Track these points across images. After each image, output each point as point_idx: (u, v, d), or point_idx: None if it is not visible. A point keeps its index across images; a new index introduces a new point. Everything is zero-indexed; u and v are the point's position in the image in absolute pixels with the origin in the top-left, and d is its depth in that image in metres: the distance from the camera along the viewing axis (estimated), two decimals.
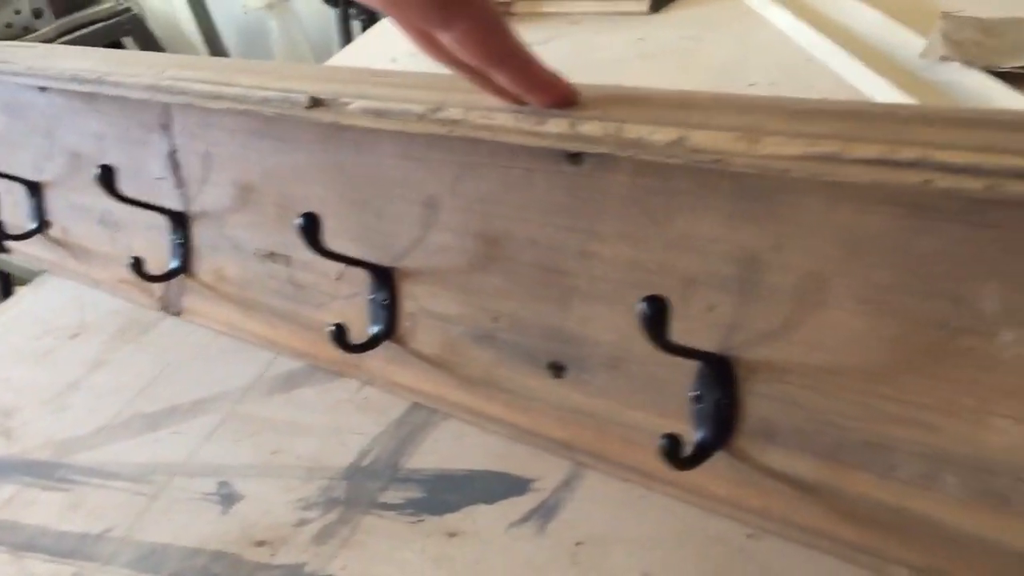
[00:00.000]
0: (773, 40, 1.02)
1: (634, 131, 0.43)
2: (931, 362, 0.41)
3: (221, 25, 3.23)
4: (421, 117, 0.51)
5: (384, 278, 0.64)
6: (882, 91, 0.82)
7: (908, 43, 0.90)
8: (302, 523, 0.57)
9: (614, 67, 1.07)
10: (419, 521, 0.55)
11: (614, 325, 0.53)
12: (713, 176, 0.47)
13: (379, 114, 0.53)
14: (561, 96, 0.47)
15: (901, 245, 0.42)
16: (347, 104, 0.54)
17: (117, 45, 2.81)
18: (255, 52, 3.17)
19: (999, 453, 0.40)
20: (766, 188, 0.46)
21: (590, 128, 0.45)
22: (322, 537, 0.55)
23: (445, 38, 0.43)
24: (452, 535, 0.54)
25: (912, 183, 0.35)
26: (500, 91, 0.47)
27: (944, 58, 0.83)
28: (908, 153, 0.34)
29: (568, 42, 1.18)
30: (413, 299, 0.63)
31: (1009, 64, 0.79)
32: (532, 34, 1.22)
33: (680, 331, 0.49)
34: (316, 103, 0.56)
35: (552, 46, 1.17)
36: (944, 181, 0.34)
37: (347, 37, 2.59)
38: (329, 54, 1.77)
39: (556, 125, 0.46)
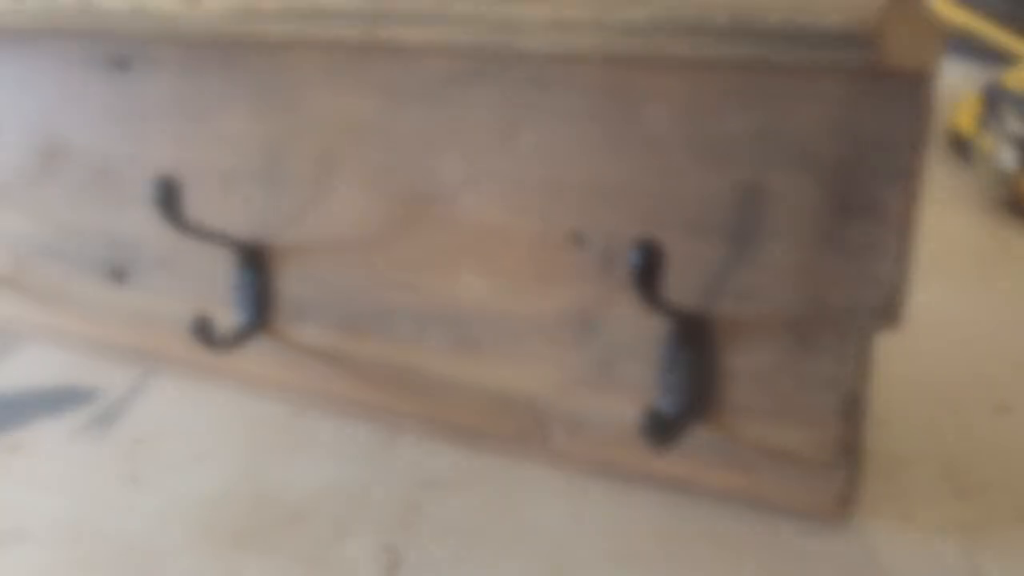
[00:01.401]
0: None
1: (106, 3, 0.45)
2: (414, 231, 0.46)
3: None
4: None
5: None
6: None
7: None
8: None
9: None
10: None
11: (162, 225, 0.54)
12: (237, 74, 0.49)
13: None
14: None
15: (386, 127, 0.46)
16: None
17: None
18: None
19: (468, 304, 0.46)
20: (282, 83, 0.48)
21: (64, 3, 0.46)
22: None
23: None
24: (15, 449, 0.53)
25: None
26: None
27: None
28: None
29: None
30: None
31: None
32: None
33: (223, 224, 0.52)
34: None
35: None
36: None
37: None
38: None
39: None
